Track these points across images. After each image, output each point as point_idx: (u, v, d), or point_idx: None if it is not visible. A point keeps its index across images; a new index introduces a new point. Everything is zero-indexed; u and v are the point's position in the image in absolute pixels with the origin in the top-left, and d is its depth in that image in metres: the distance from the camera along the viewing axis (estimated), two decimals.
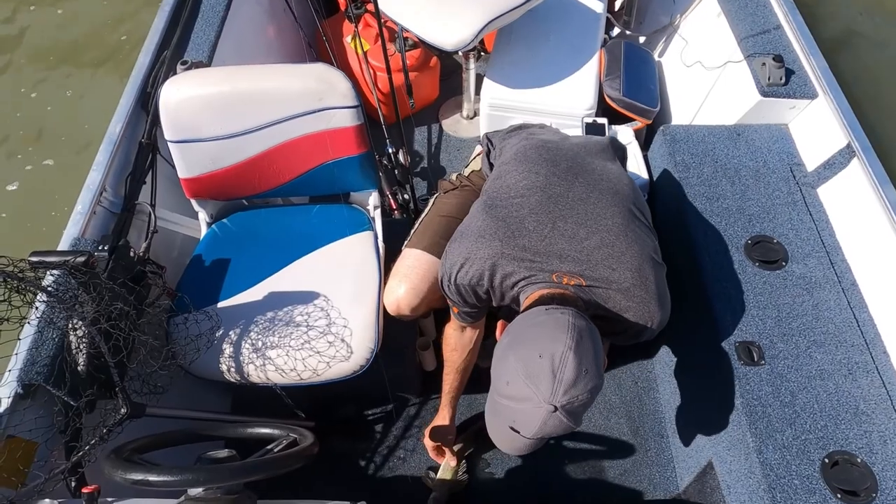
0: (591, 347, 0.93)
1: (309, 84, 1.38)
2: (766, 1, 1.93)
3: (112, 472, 0.91)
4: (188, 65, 1.70)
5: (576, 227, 1.09)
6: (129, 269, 1.33)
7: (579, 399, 0.90)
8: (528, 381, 0.90)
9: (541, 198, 1.12)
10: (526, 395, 0.91)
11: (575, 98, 1.96)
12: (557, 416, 0.89)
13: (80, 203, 1.46)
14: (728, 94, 1.89)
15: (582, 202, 1.12)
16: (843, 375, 1.35)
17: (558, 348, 0.91)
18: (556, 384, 0.89)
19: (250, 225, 1.62)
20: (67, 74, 3.15)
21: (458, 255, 1.12)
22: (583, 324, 0.96)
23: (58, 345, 1.21)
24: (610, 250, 1.08)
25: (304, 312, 1.41)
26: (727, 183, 1.65)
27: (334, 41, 2.32)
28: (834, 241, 1.55)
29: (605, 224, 1.10)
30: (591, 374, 0.91)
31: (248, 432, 1.20)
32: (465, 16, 1.77)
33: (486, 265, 1.09)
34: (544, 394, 0.89)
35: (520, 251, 1.08)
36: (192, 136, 1.43)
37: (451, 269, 1.13)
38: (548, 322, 0.96)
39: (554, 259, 1.07)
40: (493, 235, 1.09)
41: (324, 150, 1.46)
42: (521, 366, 0.92)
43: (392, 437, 1.78)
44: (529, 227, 1.09)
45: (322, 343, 1.38)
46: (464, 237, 1.14)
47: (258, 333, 1.40)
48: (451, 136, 2.49)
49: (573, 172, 1.17)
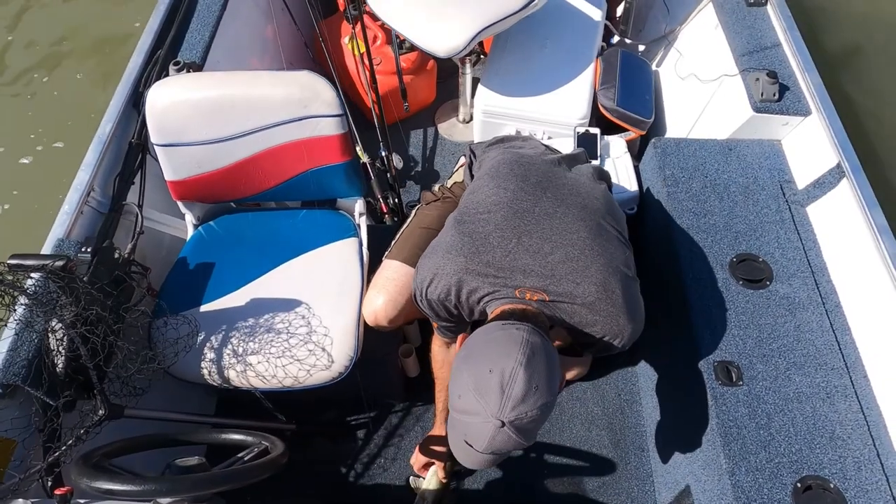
0: (544, 364, 0.93)
1: (294, 92, 1.38)
2: (765, 14, 1.91)
3: (77, 479, 0.92)
4: (181, 65, 1.70)
5: (540, 242, 1.09)
6: (111, 272, 1.35)
7: (528, 415, 0.90)
8: (478, 395, 0.91)
9: (506, 213, 1.12)
10: (475, 410, 0.91)
11: (568, 107, 1.95)
12: (506, 431, 0.90)
13: (67, 203, 1.47)
14: (722, 108, 1.87)
15: (548, 217, 1.12)
16: (821, 399, 1.34)
17: (508, 364, 0.91)
18: (504, 399, 0.89)
19: (236, 228, 1.63)
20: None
21: (428, 271, 1.13)
22: (537, 340, 0.96)
23: (36, 346, 1.22)
24: (574, 264, 1.07)
25: (286, 318, 1.42)
26: (716, 198, 1.64)
27: (332, 42, 2.31)
28: (820, 262, 1.54)
29: (569, 238, 1.09)
30: (541, 390, 0.91)
31: (220, 438, 1.21)
32: (459, 22, 1.77)
33: (452, 280, 1.10)
34: (492, 409, 0.89)
35: (484, 266, 1.08)
36: (179, 140, 1.44)
37: (421, 284, 1.14)
38: (501, 337, 0.96)
39: (518, 274, 1.07)
40: (458, 251, 1.10)
41: (309, 157, 1.47)
42: (472, 380, 0.93)
43: (373, 444, 1.79)
44: (494, 243, 1.09)
45: (302, 350, 1.39)
46: (433, 253, 1.15)
47: (239, 338, 1.41)
48: (447, 140, 2.49)
49: (542, 187, 1.17)
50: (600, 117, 2.05)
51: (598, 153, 1.87)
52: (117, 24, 3.36)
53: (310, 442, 1.77)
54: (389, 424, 1.82)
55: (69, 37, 3.33)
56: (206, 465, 1.05)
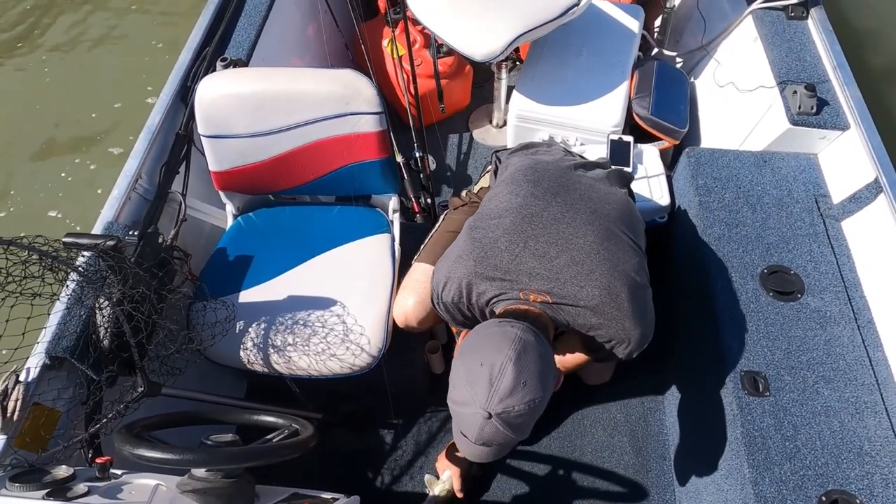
0: (535, 361, 0.96)
1: (336, 89, 1.43)
2: (805, 28, 1.90)
3: (120, 447, 0.97)
4: (227, 62, 1.77)
5: (547, 245, 1.11)
6: (155, 255, 1.41)
7: (516, 409, 0.93)
8: (469, 386, 0.95)
9: (515, 218, 1.15)
10: (466, 400, 0.95)
11: (602, 114, 1.96)
12: (493, 423, 0.93)
13: (116, 188, 1.54)
14: (758, 120, 1.86)
15: (556, 221, 1.15)
16: (849, 414, 1.32)
17: (498, 358, 0.94)
18: (491, 392, 0.93)
19: (273, 220, 1.68)
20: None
21: (442, 275, 1.17)
22: (530, 338, 0.98)
23: (84, 322, 1.28)
24: (579, 268, 1.09)
25: (318, 308, 1.46)
26: (748, 210, 1.64)
27: (371, 44, 2.37)
28: (854, 277, 1.52)
29: (576, 243, 1.12)
30: (529, 386, 0.94)
31: (252, 419, 1.26)
32: (496, 28, 1.80)
33: (462, 284, 1.14)
34: (480, 400, 0.93)
35: (492, 270, 1.11)
36: (224, 132, 1.50)
37: (437, 287, 1.18)
38: (496, 333, 0.99)
39: (524, 277, 1.10)
40: (468, 256, 1.14)
41: (347, 153, 1.51)
42: (465, 372, 0.97)
43: (396, 438, 1.82)
44: (502, 247, 1.12)
45: (332, 339, 1.43)
46: (447, 257, 1.20)
47: (272, 325, 1.45)
48: (480, 144, 2.52)
49: (552, 192, 1.20)
50: (634, 126, 2.06)
51: (631, 161, 1.88)
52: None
53: (335, 432, 1.80)
54: (412, 420, 1.84)
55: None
56: (240, 441, 1.09)
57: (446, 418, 1.85)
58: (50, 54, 3.38)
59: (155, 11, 3.59)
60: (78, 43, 3.44)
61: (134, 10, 3.61)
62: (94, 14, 3.59)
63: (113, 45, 3.43)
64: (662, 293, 1.88)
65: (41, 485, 1.00)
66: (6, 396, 1.19)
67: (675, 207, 1.83)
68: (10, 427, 1.17)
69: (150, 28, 3.49)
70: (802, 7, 1.92)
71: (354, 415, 1.83)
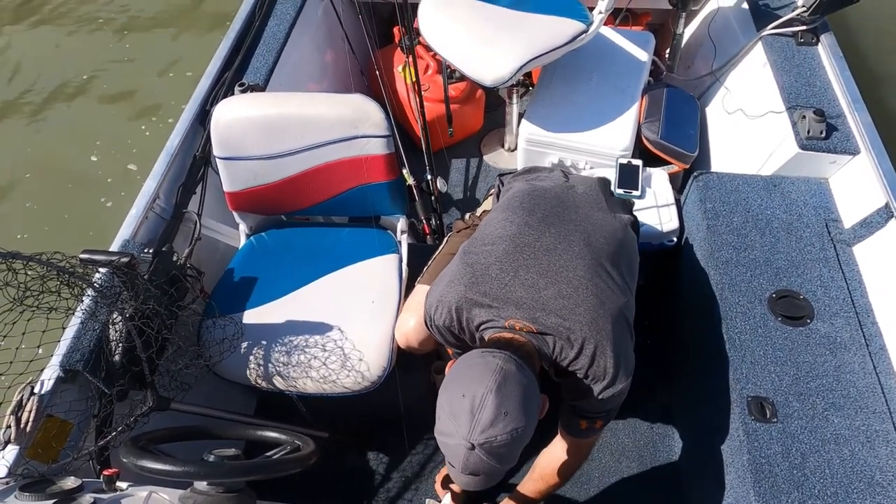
0: (517, 391, 0.96)
1: (346, 113, 1.47)
2: (815, 54, 1.90)
3: (124, 458, 1.00)
4: (245, 87, 1.83)
5: (536, 276, 1.12)
6: (168, 272, 1.45)
7: (498, 440, 0.92)
8: (451, 418, 0.95)
9: (507, 247, 1.17)
10: (450, 431, 0.95)
11: (611, 137, 1.98)
12: (477, 454, 0.93)
13: (134, 207, 1.59)
14: (767, 145, 1.86)
15: (547, 253, 1.15)
16: (860, 442, 1.30)
17: (479, 389, 0.94)
18: (473, 423, 0.92)
19: (284, 240, 1.72)
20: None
21: (434, 298, 1.18)
22: (511, 368, 0.98)
23: (98, 336, 1.33)
24: (565, 301, 1.10)
25: (324, 327, 1.49)
26: (757, 234, 1.63)
27: (385, 69, 2.43)
28: (865, 302, 1.50)
29: (565, 276, 1.12)
30: (511, 416, 0.93)
31: (254, 434, 1.27)
32: (506, 54, 1.84)
33: (453, 308, 1.15)
34: (463, 431, 0.93)
35: (481, 296, 1.12)
36: (238, 154, 1.55)
37: (429, 310, 1.20)
38: (478, 364, 0.99)
39: (511, 306, 1.10)
40: (459, 280, 1.15)
41: (356, 175, 1.55)
42: (448, 403, 0.97)
43: (400, 459, 1.82)
44: (492, 275, 1.13)
45: (337, 358, 1.45)
46: (440, 281, 1.21)
47: (280, 342, 1.48)
48: (492, 167, 2.55)
49: (547, 222, 1.21)
50: (644, 149, 2.07)
51: (640, 184, 1.88)
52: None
53: (339, 451, 1.81)
54: (417, 440, 1.84)
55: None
56: (242, 456, 1.11)
57: None
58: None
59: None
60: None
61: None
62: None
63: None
64: (670, 316, 1.89)
65: (50, 495, 1.03)
66: (21, 408, 1.23)
67: (684, 231, 1.83)
68: (24, 438, 1.20)
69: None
70: (812, 33, 1.93)
71: (359, 434, 1.84)
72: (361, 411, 1.86)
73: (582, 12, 1.95)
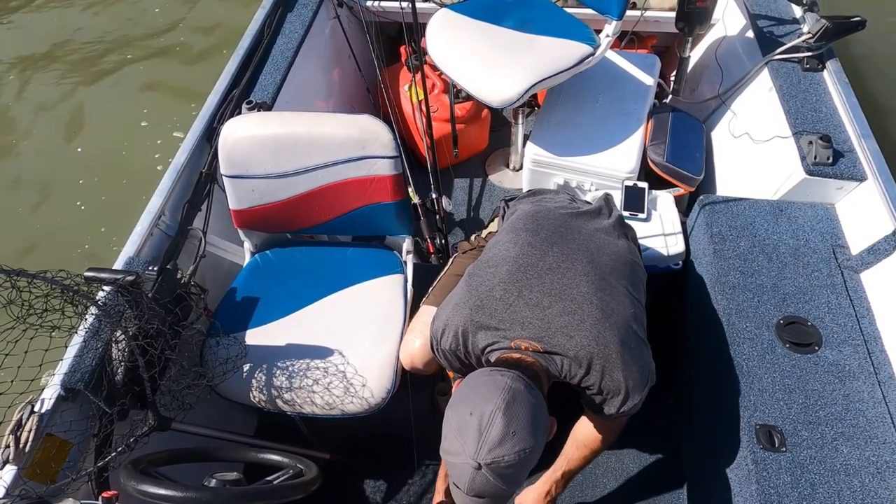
0: (526, 410, 0.95)
1: (353, 133, 1.47)
2: (821, 79, 1.91)
3: (125, 482, 0.98)
4: (252, 105, 1.84)
5: (541, 295, 1.12)
6: (173, 291, 1.44)
7: (505, 460, 0.92)
8: (458, 436, 0.94)
9: (511, 267, 1.16)
10: (456, 450, 0.94)
11: (617, 160, 1.98)
12: (483, 474, 0.91)
13: (139, 224, 1.59)
14: (774, 170, 1.86)
15: (551, 271, 1.15)
16: (870, 473, 1.28)
17: (487, 408, 0.94)
18: (481, 442, 0.92)
19: (289, 258, 1.71)
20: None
21: (440, 322, 1.18)
22: (520, 387, 0.97)
23: (100, 355, 1.31)
24: (570, 318, 1.09)
25: (327, 347, 1.47)
26: (764, 259, 1.62)
27: (392, 88, 2.44)
28: (874, 330, 1.49)
29: (569, 293, 1.12)
30: (519, 436, 0.93)
31: (257, 457, 1.26)
32: (513, 75, 1.84)
33: (458, 332, 1.14)
34: (469, 450, 0.92)
35: (487, 319, 1.12)
36: (245, 172, 1.55)
37: (435, 334, 1.19)
38: (486, 382, 0.99)
39: (516, 327, 1.10)
40: (465, 304, 1.15)
41: (362, 195, 1.55)
42: (455, 422, 0.96)
43: (401, 480, 1.79)
44: (497, 296, 1.13)
45: (342, 379, 1.43)
46: (446, 304, 1.20)
47: (283, 363, 1.47)
48: (497, 187, 2.55)
49: (550, 242, 1.21)
50: (649, 172, 2.07)
51: (646, 207, 1.88)
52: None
53: (341, 473, 1.79)
54: (420, 462, 1.82)
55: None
56: (244, 481, 1.09)
57: None
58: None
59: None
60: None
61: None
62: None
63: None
64: (676, 341, 1.87)
65: None
66: (20, 427, 1.21)
67: (690, 255, 1.82)
68: (22, 458, 1.19)
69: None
70: (818, 59, 1.94)
71: (361, 455, 1.81)
72: (364, 433, 1.84)
73: (589, 35, 1.96)
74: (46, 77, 3.69)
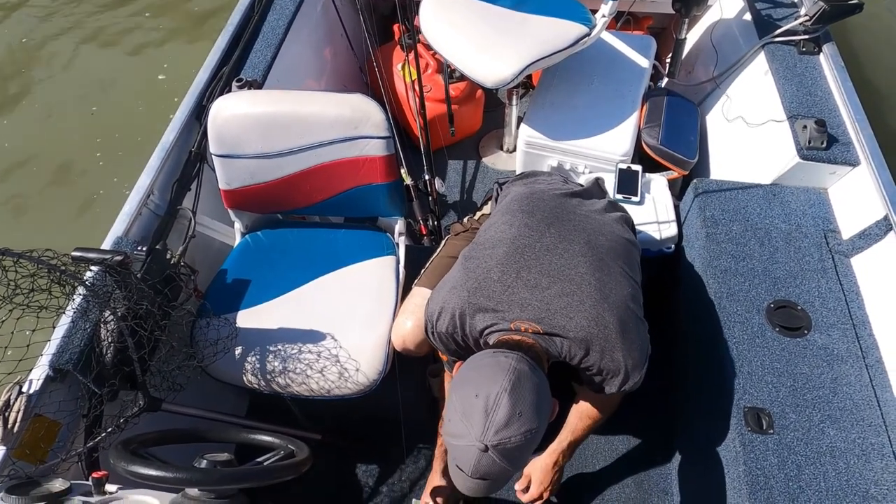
0: (531, 391, 0.95)
1: (345, 113, 1.45)
2: (817, 63, 1.90)
3: (115, 463, 0.97)
4: (243, 82, 1.81)
5: (539, 276, 1.12)
6: (162, 271, 1.43)
7: (512, 441, 0.92)
8: (464, 418, 0.94)
9: (508, 249, 1.16)
10: (461, 433, 0.94)
11: (611, 142, 1.97)
12: (490, 455, 0.92)
13: (127, 204, 1.57)
14: (767, 153, 1.86)
15: (548, 252, 1.15)
16: (855, 455, 1.30)
17: (493, 389, 0.93)
18: (487, 424, 0.92)
19: (280, 239, 1.70)
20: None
21: (436, 305, 1.17)
22: (524, 368, 0.97)
23: (89, 335, 1.30)
24: (569, 299, 1.09)
25: (319, 329, 1.47)
26: (756, 243, 1.62)
27: (385, 67, 2.40)
28: (863, 314, 1.50)
29: (567, 274, 1.12)
30: (525, 417, 0.93)
31: (248, 438, 1.26)
32: (507, 56, 1.82)
33: (456, 314, 1.14)
34: (476, 432, 0.92)
35: (485, 301, 1.11)
36: (235, 152, 1.52)
37: (430, 317, 1.18)
38: (490, 364, 0.99)
39: (515, 308, 1.10)
40: (462, 286, 1.14)
41: (354, 176, 1.53)
42: (459, 404, 0.96)
43: (393, 463, 1.80)
44: (494, 278, 1.13)
45: (333, 360, 1.43)
46: (442, 287, 1.20)
47: (274, 344, 1.46)
48: (490, 168, 2.53)
49: (546, 223, 1.21)
50: (643, 155, 2.06)
51: (639, 190, 1.88)
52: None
53: (332, 453, 1.80)
54: (412, 444, 1.83)
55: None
56: (235, 461, 1.09)
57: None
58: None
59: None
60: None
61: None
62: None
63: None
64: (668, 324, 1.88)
65: (36, 497, 1.01)
66: (8, 407, 1.20)
67: (683, 238, 1.82)
68: (11, 438, 1.18)
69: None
70: (814, 42, 1.93)
71: (352, 437, 1.82)
72: (356, 414, 1.84)
73: (584, 15, 1.93)
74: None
